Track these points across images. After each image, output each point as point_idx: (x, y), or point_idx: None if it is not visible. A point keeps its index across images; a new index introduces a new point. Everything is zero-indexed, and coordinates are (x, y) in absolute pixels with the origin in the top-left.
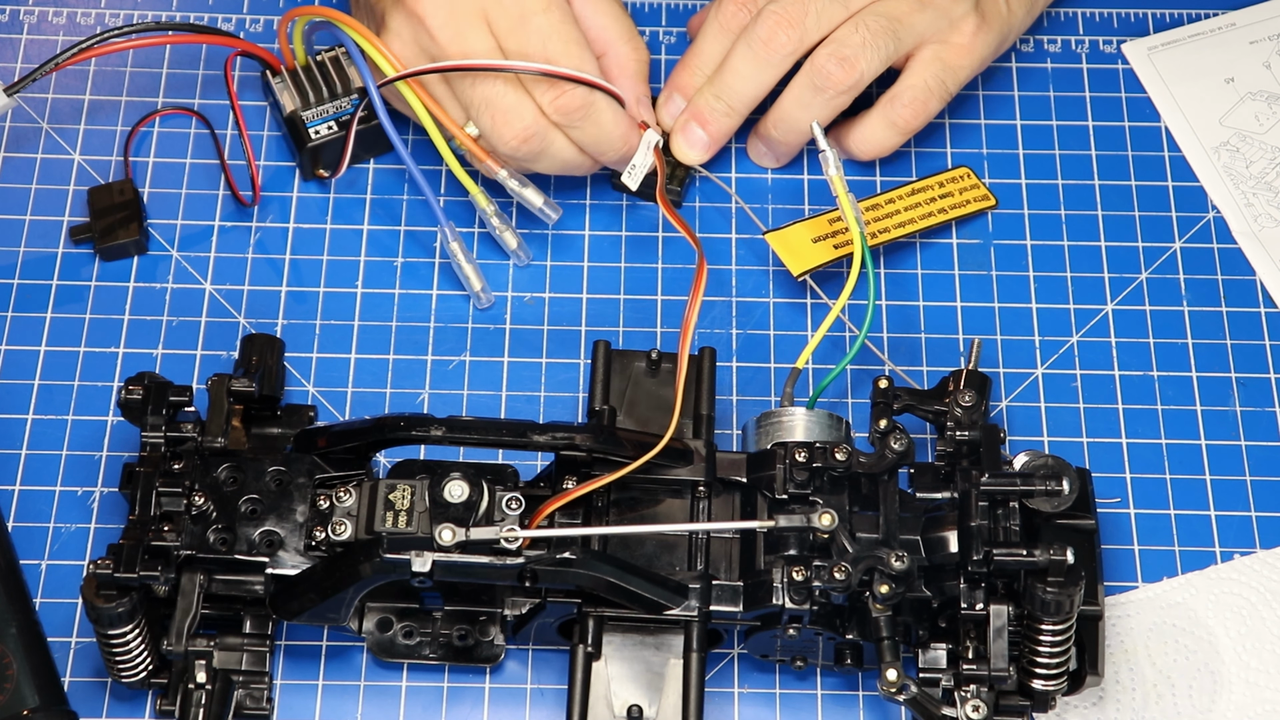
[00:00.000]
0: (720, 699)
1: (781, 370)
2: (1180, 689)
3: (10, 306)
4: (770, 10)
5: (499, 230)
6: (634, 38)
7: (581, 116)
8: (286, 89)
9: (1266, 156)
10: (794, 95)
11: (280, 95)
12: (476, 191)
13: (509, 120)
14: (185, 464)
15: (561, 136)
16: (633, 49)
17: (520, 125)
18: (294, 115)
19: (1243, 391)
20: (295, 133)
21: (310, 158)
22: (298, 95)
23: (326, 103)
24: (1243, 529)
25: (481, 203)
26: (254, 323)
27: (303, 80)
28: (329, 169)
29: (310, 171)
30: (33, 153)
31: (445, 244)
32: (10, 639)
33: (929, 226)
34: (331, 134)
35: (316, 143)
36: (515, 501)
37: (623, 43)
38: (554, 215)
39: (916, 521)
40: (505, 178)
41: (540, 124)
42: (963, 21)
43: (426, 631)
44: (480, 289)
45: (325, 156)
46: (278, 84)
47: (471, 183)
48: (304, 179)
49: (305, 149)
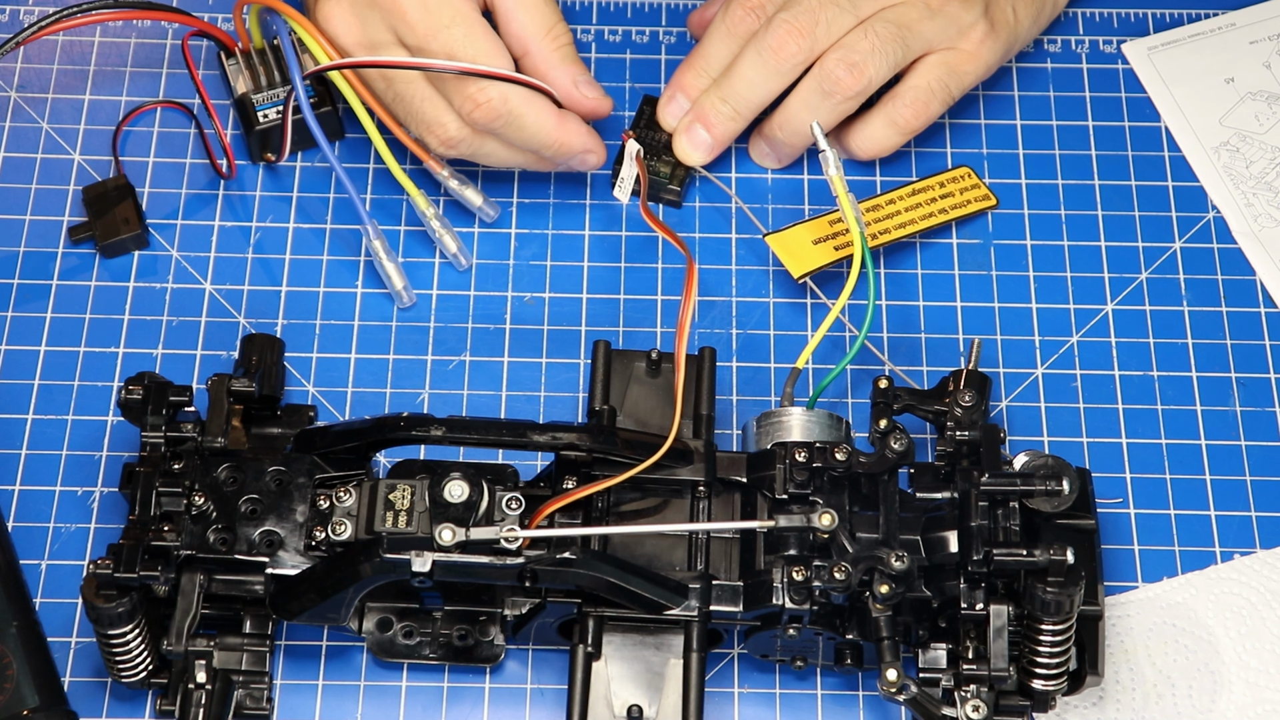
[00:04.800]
0: (720, 699)
1: (781, 370)
2: (1180, 689)
3: (10, 306)
4: (781, 18)
5: (438, 233)
6: (553, 26)
7: (502, 125)
8: (240, 71)
9: (1266, 156)
10: (801, 98)
11: (233, 78)
12: (415, 193)
13: (434, 131)
14: (185, 464)
15: (492, 141)
16: (551, 39)
17: (444, 135)
18: (244, 97)
19: (1243, 391)
20: (245, 115)
21: (258, 141)
22: (250, 78)
23: (277, 86)
24: (1243, 529)
25: (421, 205)
26: (254, 323)
27: (255, 63)
28: (275, 153)
29: (259, 155)
30: (32, 153)
31: (368, 242)
32: (10, 639)
33: (929, 227)
34: (280, 118)
35: (264, 126)
36: (515, 501)
37: (541, 36)
38: (492, 214)
39: (916, 521)
40: (446, 177)
41: (463, 133)
42: (971, 29)
43: (426, 631)
44: (402, 287)
45: (273, 140)
46: (231, 66)
47: (410, 182)
48: (252, 162)
49: (254, 132)
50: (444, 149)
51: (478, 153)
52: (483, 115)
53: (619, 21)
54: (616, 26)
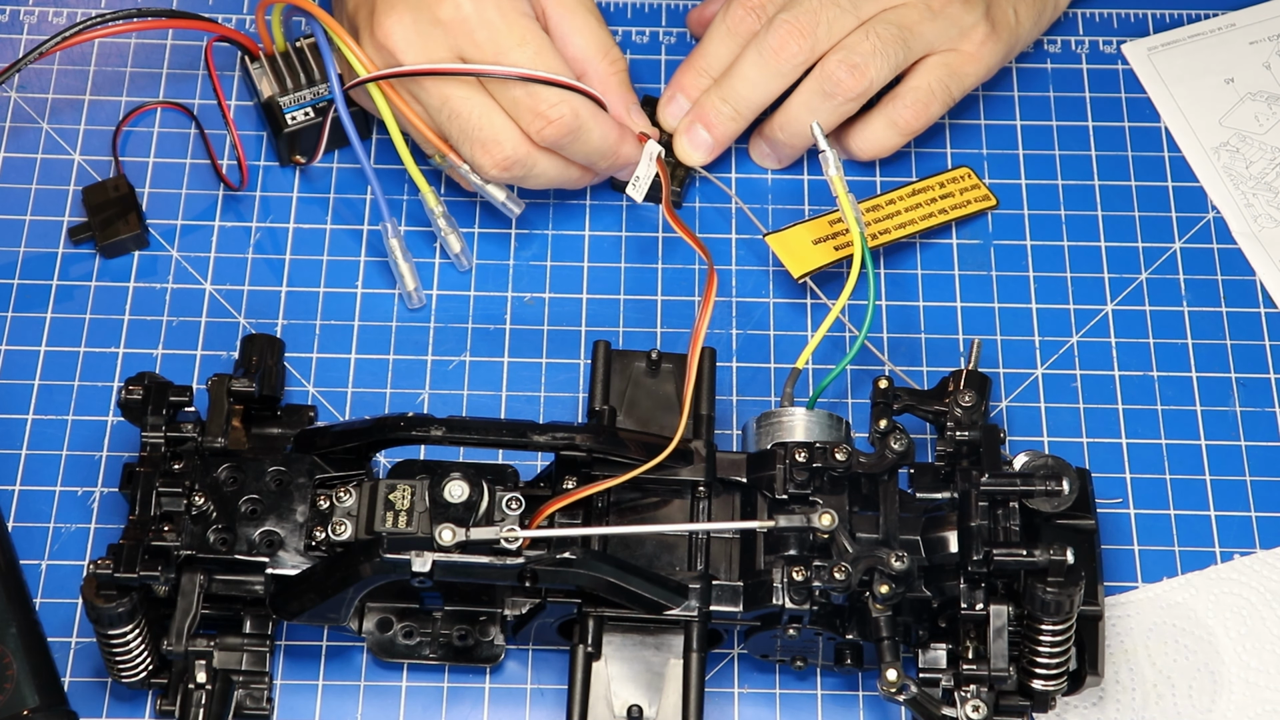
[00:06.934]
0: (720, 699)
1: (781, 370)
2: (1180, 689)
3: (10, 306)
4: (782, 19)
5: (444, 232)
6: (610, 49)
7: (570, 140)
8: (265, 75)
9: (1266, 156)
10: (802, 100)
11: (258, 81)
12: (427, 191)
13: (489, 151)
14: (185, 464)
15: (546, 158)
16: (609, 63)
17: (500, 155)
18: (271, 100)
19: (1243, 391)
20: (272, 118)
21: (287, 143)
22: (275, 81)
23: (304, 89)
24: (1243, 529)
25: (430, 202)
26: (254, 323)
27: (280, 66)
28: (306, 155)
29: (287, 157)
30: (32, 153)
31: (385, 239)
32: (10, 639)
33: (930, 227)
34: (309, 120)
35: (293, 128)
36: (515, 501)
37: (599, 58)
38: (517, 210)
39: (916, 521)
40: (467, 171)
41: (521, 151)
42: (973, 30)
43: (426, 631)
44: (414, 288)
45: (302, 142)
46: (256, 69)
47: (425, 182)
48: (280, 165)
49: (282, 135)
50: (497, 170)
51: (530, 173)
52: (554, 131)
53: (619, 21)
54: (617, 27)
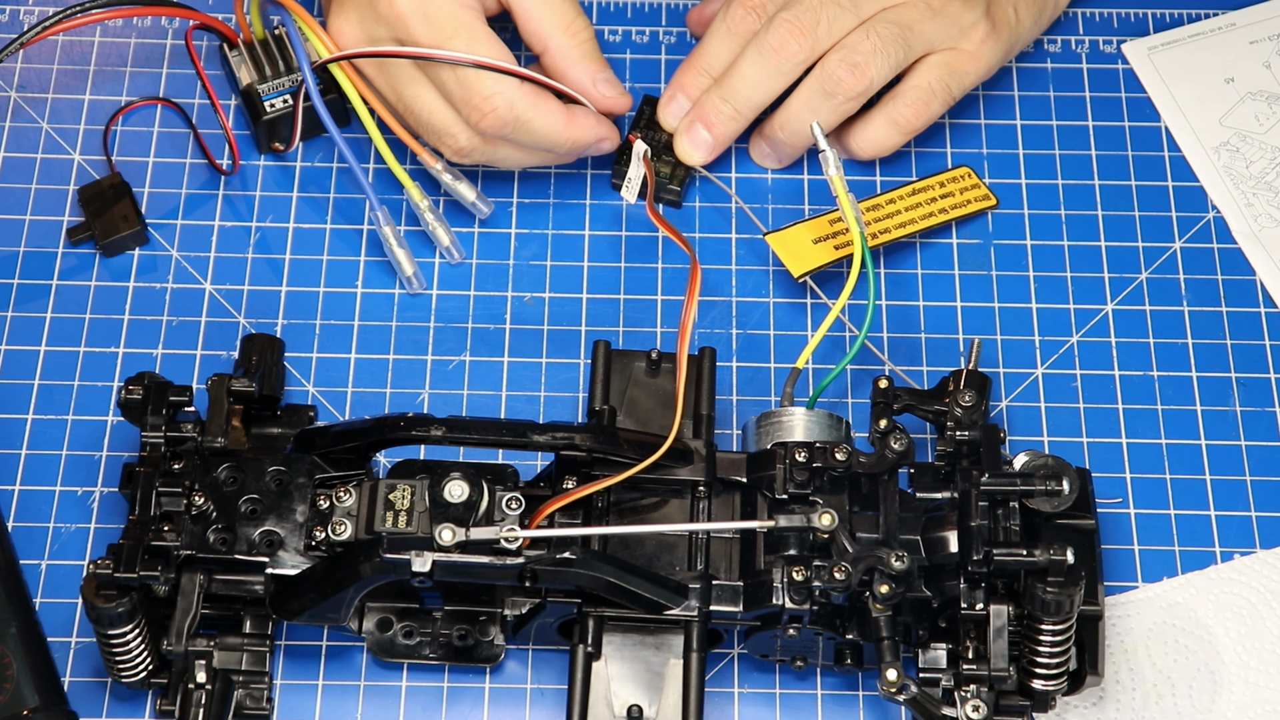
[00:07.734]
0: (720, 699)
1: (781, 370)
2: (1180, 689)
3: (10, 306)
4: (782, 18)
5: (432, 226)
6: (572, 22)
7: (511, 130)
8: (244, 62)
9: (1266, 156)
10: (802, 99)
11: (237, 69)
12: (411, 186)
13: (445, 142)
14: (185, 464)
15: (505, 146)
16: (570, 35)
17: (456, 146)
18: (250, 88)
19: (1243, 391)
20: (251, 106)
21: (265, 131)
22: (254, 69)
23: (282, 76)
24: (1243, 529)
25: (415, 197)
26: (254, 323)
27: (259, 54)
28: (283, 142)
29: (265, 145)
30: (32, 153)
31: (377, 229)
32: (10, 639)
33: (929, 227)
34: (287, 108)
35: (271, 116)
36: (515, 501)
37: (560, 32)
38: (485, 210)
39: (916, 521)
40: (439, 170)
41: (475, 141)
42: (973, 29)
43: (426, 631)
44: (412, 274)
45: (280, 130)
46: (234, 57)
47: (406, 176)
48: (259, 152)
49: (260, 122)
50: (458, 158)
51: (493, 158)
52: (490, 124)
53: (619, 21)
54: (616, 26)
